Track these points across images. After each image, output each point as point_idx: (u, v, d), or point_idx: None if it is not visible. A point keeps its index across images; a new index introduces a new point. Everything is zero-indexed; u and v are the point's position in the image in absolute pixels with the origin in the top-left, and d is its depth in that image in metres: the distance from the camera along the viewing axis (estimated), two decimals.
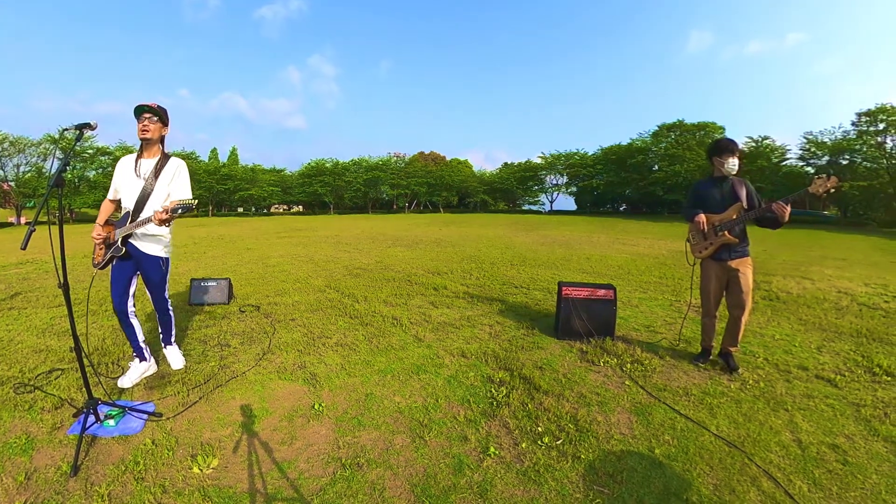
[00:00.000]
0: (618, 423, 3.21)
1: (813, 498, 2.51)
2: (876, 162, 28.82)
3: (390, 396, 3.54)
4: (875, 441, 3.12)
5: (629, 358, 4.34)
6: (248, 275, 8.58)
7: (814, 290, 8.05)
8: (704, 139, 37.10)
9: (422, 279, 8.02)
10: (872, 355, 4.75)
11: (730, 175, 4.04)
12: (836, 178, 3.63)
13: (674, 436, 3.06)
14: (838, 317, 6.32)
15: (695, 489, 2.53)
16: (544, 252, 12.61)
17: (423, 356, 4.35)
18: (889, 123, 27.45)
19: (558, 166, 48.88)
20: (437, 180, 52.77)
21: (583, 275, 8.90)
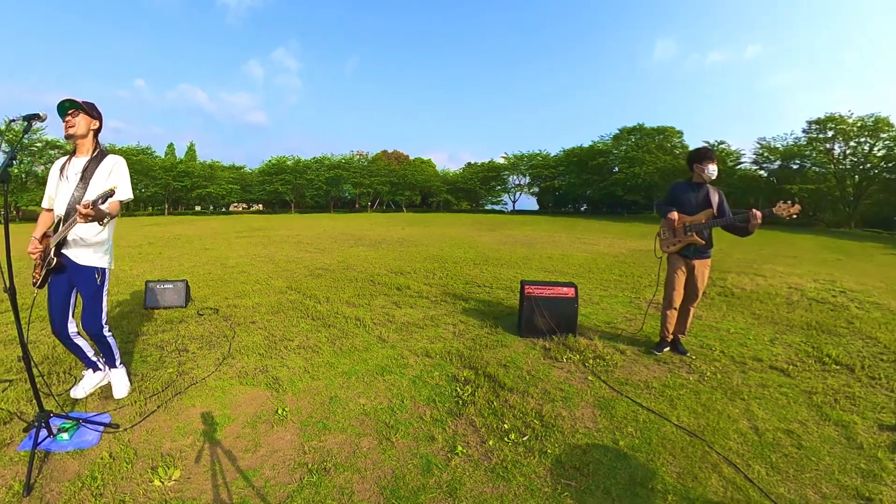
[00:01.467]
0: (582, 418, 3.33)
1: (771, 481, 2.70)
2: (824, 167, 31.48)
3: (355, 398, 3.54)
4: (827, 425, 3.39)
5: (591, 354, 4.52)
6: (206, 276, 8.34)
7: (766, 286, 8.59)
8: (663, 143, 39.16)
9: (385, 279, 8.01)
10: (822, 346, 5.16)
11: (709, 181, 4.43)
12: (798, 206, 4.01)
13: (637, 427, 3.22)
14: (789, 311, 6.80)
15: (659, 478, 2.67)
16: (507, 251, 12.82)
17: (387, 357, 4.37)
18: (837, 132, 29.96)
19: (521, 167, 49.97)
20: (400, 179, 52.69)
21: (545, 273, 9.13)
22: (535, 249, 13.47)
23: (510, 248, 13.59)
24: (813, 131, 31.25)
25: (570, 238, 17.76)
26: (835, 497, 2.59)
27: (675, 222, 4.43)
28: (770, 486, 2.64)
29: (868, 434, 3.28)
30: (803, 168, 32.34)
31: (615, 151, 41.54)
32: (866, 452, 3.05)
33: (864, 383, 4.22)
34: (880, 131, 28.40)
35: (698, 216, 4.39)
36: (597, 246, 14.94)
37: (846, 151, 30.28)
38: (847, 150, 30.22)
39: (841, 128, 29.60)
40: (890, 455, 3.02)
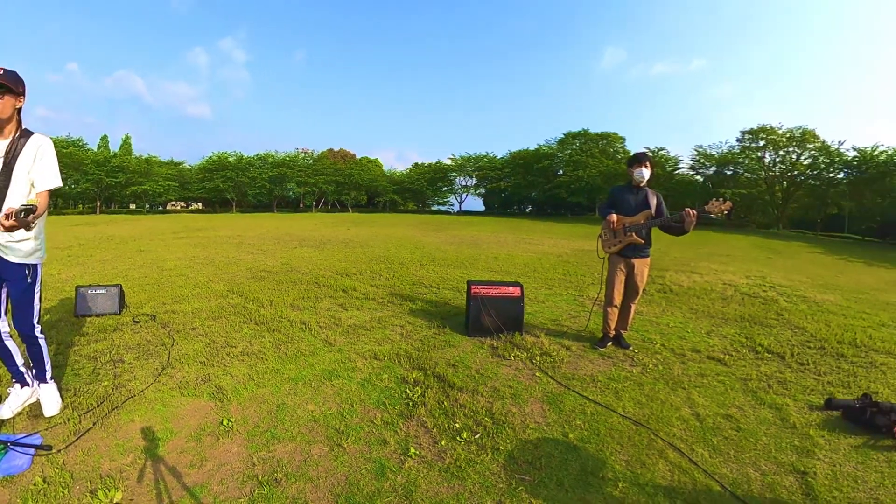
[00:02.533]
0: (532, 413, 3.41)
1: (714, 462, 2.90)
2: (755, 173, 34.48)
3: (303, 405, 3.44)
4: (762, 409, 3.69)
5: (538, 351, 4.63)
6: (141, 280, 7.86)
7: (702, 282, 9.14)
8: (606, 148, 41.17)
9: (330, 281, 7.86)
10: (755, 336, 5.60)
11: (639, 182, 4.72)
12: (729, 203, 4.35)
13: (585, 420, 3.34)
14: (724, 305, 7.30)
15: (609, 467, 2.79)
16: (453, 252, 12.92)
17: (334, 361, 4.29)
18: (768, 141, 33.01)
19: (468, 168, 50.58)
20: (346, 179, 51.67)
21: (491, 273, 9.28)
22: (482, 250, 13.66)
23: (456, 249, 13.71)
24: (746, 140, 34.28)
25: (515, 238, 18.13)
26: (773, 473, 2.82)
27: (616, 223, 4.68)
28: (713, 468, 2.84)
29: (800, 415, 3.61)
30: (736, 174, 35.18)
31: (560, 155, 43.09)
32: (799, 431, 3.35)
33: (794, 369, 4.62)
34: (807, 142, 31.58)
35: (637, 217, 4.67)
36: (541, 246, 15.33)
37: (776, 159, 33.47)
38: (777, 159, 33.41)
39: (772, 138, 32.71)
40: (820, 432, 3.34)
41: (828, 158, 30.61)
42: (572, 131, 42.86)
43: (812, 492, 2.66)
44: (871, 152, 28.50)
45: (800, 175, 32.35)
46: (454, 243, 15.46)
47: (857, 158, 29.12)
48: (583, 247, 15.08)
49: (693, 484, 2.66)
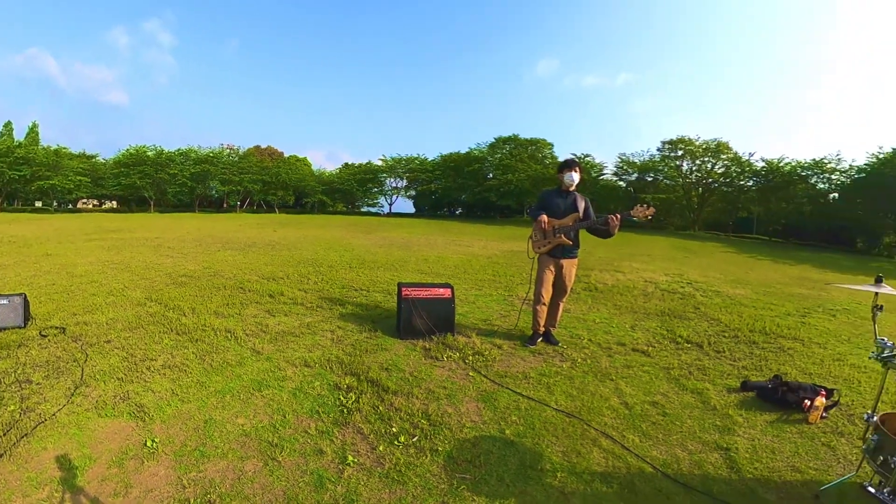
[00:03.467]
0: (468, 412, 3.46)
1: (644, 446, 3.10)
2: (674, 180, 37.47)
3: (233, 419, 3.27)
4: (685, 394, 4.00)
5: (470, 351, 4.71)
6: (48, 288, 7.11)
7: (625, 280, 9.64)
8: (535, 153, 42.76)
9: (256, 286, 7.52)
10: (675, 329, 6.04)
11: (569, 187, 4.98)
12: (652, 209, 4.66)
13: (520, 415, 3.44)
14: (646, 301, 7.76)
15: (546, 458, 2.90)
16: (383, 254, 12.79)
17: (263, 370, 4.11)
18: (686, 151, 36.15)
19: (399, 170, 50.13)
20: (273, 178, 49.16)
21: (421, 275, 9.29)
22: (412, 252, 13.63)
23: (386, 251, 13.60)
24: (666, 150, 37.23)
25: (445, 240, 18.25)
26: (699, 452, 3.09)
27: (545, 225, 4.91)
28: (644, 451, 3.03)
29: (719, 397, 3.97)
30: (657, 180, 38.06)
31: (490, 159, 44.12)
32: (720, 412, 3.70)
33: (712, 356, 5.06)
34: (721, 153, 34.86)
35: (566, 220, 4.91)
36: (471, 248, 15.53)
37: (693, 168, 36.68)
38: (693, 167, 36.63)
39: (689, 149, 35.86)
40: (739, 412, 3.71)
41: (739, 168, 33.94)
42: (503, 136, 44.07)
43: (735, 465, 2.95)
44: (777, 163, 31.88)
45: (714, 182, 35.62)
46: (384, 245, 15.33)
47: (765, 168, 32.49)
48: (512, 248, 15.44)
49: (627, 468, 2.83)
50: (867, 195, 26.38)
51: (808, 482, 2.84)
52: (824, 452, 3.19)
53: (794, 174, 30.76)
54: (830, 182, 30.11)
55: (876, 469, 2.50)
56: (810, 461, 3.07)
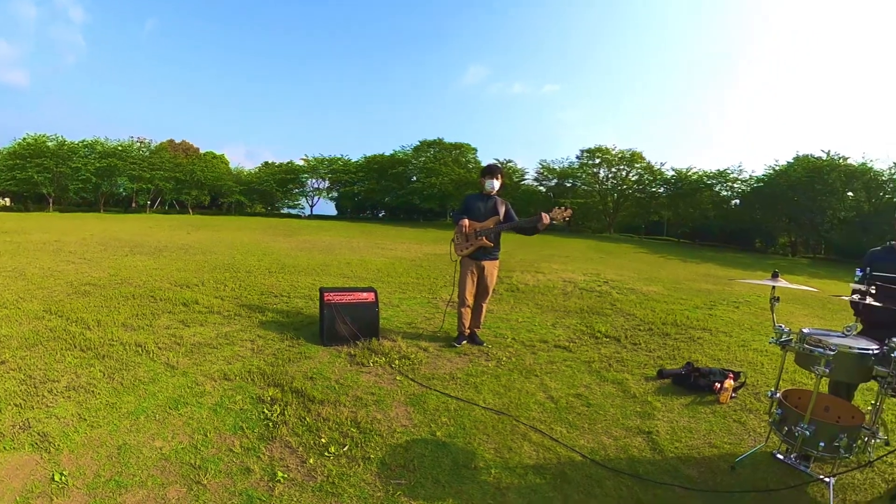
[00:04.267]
0: (397, 417, 3.44)
1: (572, 436, 3.25)
2: (591, 186, 40.17)
3: (149, 442, 3.00)
4: (606, 385, 4.26)
5: (396, 355, 4.69)
6: None
7: (546, 280, 10.03)
8: (459, 157, 43.85)
9: (168, 294, 7.00)
10: (594, 324, 6.38)
11: (490, 192, 5.17)
12: (570, 211, 4.91)
13: (450, 416, 3.47)
14: (566, 299, 8.14)
15: (479, 456, 2.94)
16: (304, 258, 12.40)
17: (179, 386, 3.82)
18: (603, 160, 38.96)
19: (321, 170, 48.73)
20: (187, 175, 45.40)
21: (344, 279, 9.14)
22: (334, 255, 13.35)
23: (308, 255, 13.21)
24: (585, 158, 39.84)
25: (368, 243, 18.03)
26: (624, 437, 3.31)
27: (467, 228, 5.07)
28: (573, 441, 3.18)
29: (638, 386, 4.27)
30: (575, 186, 40.66)
31: (414, 161, 44.48)
32: (639, 399, 3.97)
33: (629, 349, 5.44)
34: (635, 162, 38.16)
35: (487, 222, 5.09)
36: (394, 251, 15.47)
37: (609, 175, 39.60)
38: (609, 175, 39.56)
39: (606, 157, 38.73)
40: (657, 398, 4.02)
41: (651, 176, 37.31)
42: (427, 139, 44.67)
43: (657, 446, 3.20)
44: (686, 173, 35.46)
45: (628, 189, 38.65)
46: (305, 249, 14.89)
47: (675, 177, 35.94)
48: (435, 251, 15.55)
49: (557, 458, 2.95)
50: (764, 201, 30.28)
51: (724, 455, 3.16)
52: (736, 428, 3.56)
53: (700, 183, 34.47)
54: (733, 190, 34.17)
55: (782, 438, 2.88)
56: (724, 437, 3.42)
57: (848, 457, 2.73)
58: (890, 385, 2.62)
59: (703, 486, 2.80)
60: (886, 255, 3.37)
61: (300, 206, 53.31)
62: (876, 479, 2.98)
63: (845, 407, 3.02)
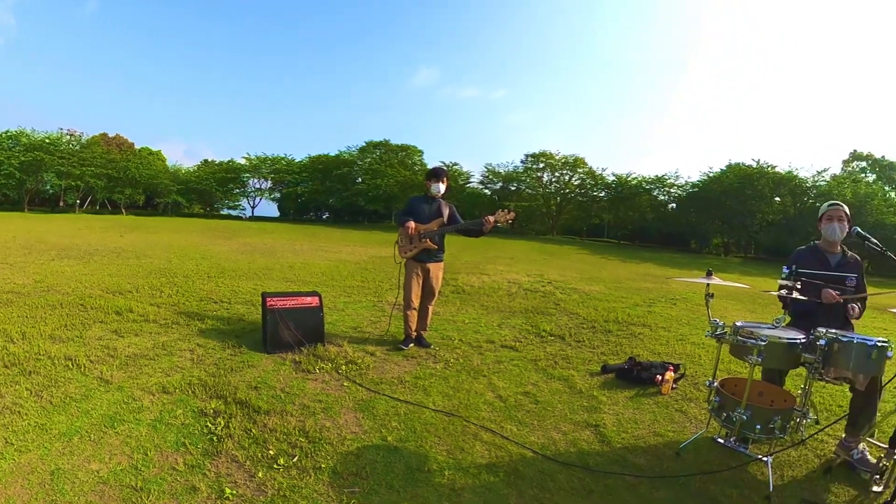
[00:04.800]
0: (347, 424, 3.39)
1: (522, 433, 3.32)
2: (535, 190, 41.48)
3: (85, 465, 2.80)
4: (553, 382, 4.39)
5: (343, 360, 4.63)
6: None
7: (491, 282, 10.19)
8: (405, 159, 43.89)
9: (100, 301, 6.55)
10: (539, 324, 6.55)
11: (435, 195, 5.25)
12: (513, 213, 5.03)
13: (400, 421, 3.45)
14: (511, 300, 8.32)
15: (432, 459, 2.95)
16: (245, 261, 12.00)
17: (115, 402, 3.59)
18: (547, 164, 40.54)
19: (263, 170, 47.16)
20: (120, 173, 42.20)
21: (287, 283, 8.92)
22: (276, 258, 13.01)
23: (249, 258, 12.80)
24: (529, 162, 41.40)
25: (311, 246, 17.68)
26: (572, 431, 3.42)
27: (412, 230, 5.09)
28: (523, 438, 3.24)
29: (584, 381, 4.43)
30: (519, 189, 41.76)
31: (360, 163, 44.15)
32: (585, 394, 4.13)
33: (574, 346, 5.64)
34: (577, 167, 39.72)
35: (431, 225, 5.14)
36: (339, 254, 15.28)
37: (552, 179, 41.20)
38: (553, 179, 41.17)
39: (550, 162, 40.34)
40: (602, 392, 4.20)
41: (593, 181, 39.03)
42: (374, 140, 44.55)
43: (605, 438, 3.34)
44: (626, 178, 37.41)
45: (570, 193, 40.25)
46: (246, 252, 14.42)
47: (616, 182, 37.85)
48: (379, 253, 15.46)
49: (510, 456, 3.01)
50: (699, 205, 33.32)
51: (669, 443, 3.35)
52: (678, 417, 3.80)
53: (640, 187, 36.75)
54: (670, 195, 36.86)
55: (722, 423, 3.13)
56: (668, 425, 3.63)
57: (782, 437, 3.00)
58: (817, 370, 2.91)
59: (651, 472, 2.95)
60: (810, 254, 3.67)
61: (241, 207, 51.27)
62: (809, 456, 3.32)
63: (777, 392, 3.32)
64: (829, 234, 3.56)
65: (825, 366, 2.88)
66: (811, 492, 2.88)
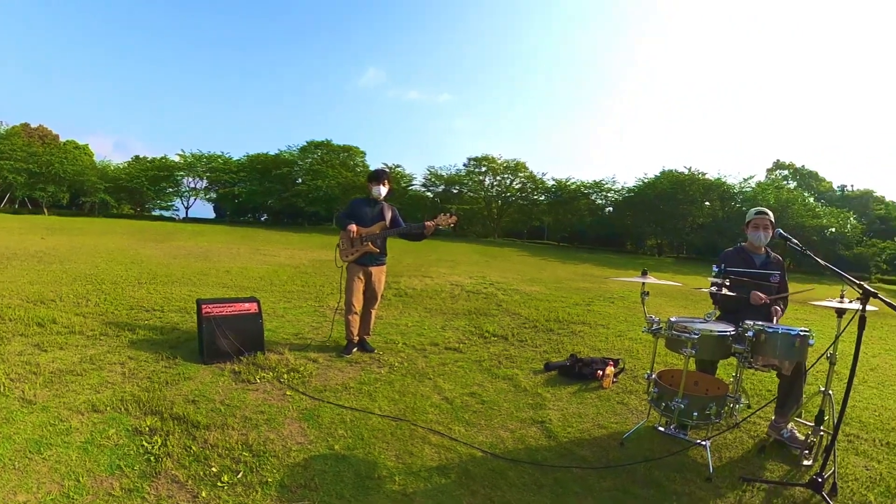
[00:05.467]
0: (292, 435, 3.30)
1: (470, 434, 3.36)
2: (477, 193, 42.44)
3: (11, 498, 2.55)
4: (498, 381, 4.49)
5: (285, 368, 4.51)
6: None
7: (433, 284, 10.25)
8: (347, 160, 43.50)
9: (19, 312, 5.99)
10: (482, 325, 6.66)
11: (377, 197, 5.20)
12: (455, 217, 5.10)
13: (346, 428, 3.40)
14: (454, 302, 8.41)
15: (382, 465, 2.92)
16: (179, 266, 11.45)
17: (40, 425, 3.30)
18: (489, 168, 41.54)
19: (199, 168, 44.79)
20: (43, 168, 38.41)
21: (224, 289, 8.60)
22: (212, 263, 12.52)
23: (183, 263, 12.23)
24: (471, 166, 42.19)
25: (249, 250, 17.13)
26: (519, 429, 3.50)
27: (353, 234, 5.03)
28: (472, 438, 3.28)
29: (528, 380, 4.56)
30: (461, 193, 42.64)
31: (301, 163, 43.15)
32: (530, 392, 4.25)
33: (517, 346, 5.78)
34: (519, 171, 41.10)
35: (373, 228, 5.11)
36: (278, 257, 14.92)
37: (494, 183, 42.17)
38: (495, 182, 42.13)
39: (492, 166, 41.39)
40: (546, 389, 4.35)
41: (533, 185, 40.48)
42: (315, 140, 43.80)
43: (551, 433, 3.45)
44: (565, 182, 39.13)
45: (512, 196, 41.47)
46: (180, 256, 13.78)
47: (555, 186, 39.44)
48: (320, 257, 15.21)
49: (459, 457, 3.04)
50: (634, 209, 35.84)
51: (613, 434, 3.52)
52: (620, 409, 4.00)
53: (578, 192, 38.75)
54: (607, 199, 39.27)
55: (661, 413, 3.40)
56: (611, 417, 3.81)
57: (718, 421, 3.31)
58: (746, 359, 3.25)
59: (598, 463, 3.07)
60: (737, 254, 4.02)
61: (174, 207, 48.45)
62: (744, 437, 3.62)
63: (711, 380, 3.61)
64: (755, 240, 3.94)
65: (754, 355, 3.22)
66: (748, 470, 3.13)
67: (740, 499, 2.83)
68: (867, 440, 3.72)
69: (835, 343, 3.04)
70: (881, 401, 4.69)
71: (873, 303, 2.71)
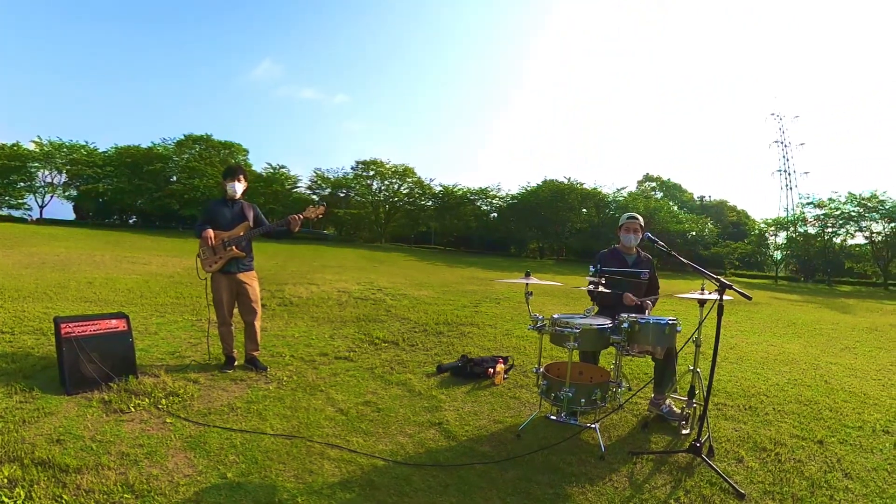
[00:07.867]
0: (178, 467, 3.03)
1: (369, 444, 3.36)
2: (364, 197, 42.35)
3: None
4: (391, 388, 4.55)
5: (162, 392, 4.12)
6: None
7: (319, 292, 10.03)
8: (228, 158, 40.84)
9: None
10: (371, 331, 6.67)
11: (233, 196, 4.91)
12: (323, 208, 5.05)
13: (237, 453, 3.21)
14: (341, 309, 8.33)
15: (281, 488, 2.80)
16: (31, 278, 9.98)
17: None
18: (377, 172, 41.76)
19: (58, 159, 38.71)
20: None
21: (86, 304, 7.64)
22: (72, 273, 11.11)
23: (36, 274, 10.70)
24: (360, 169, 42.21)
25: (115, 257, 15.45)
26: (418, 433, 3.59)
27: (213, 240, 4.72)
28: (371, 448, 3.29)
29: (422, 384, 4.67)
30: (349, 196, 42.39)
31: (176, 158, 39.37)
32: (425, 395, 4.37)
33: (408, 350, 5.89)
34: (407, 176, 41.82)
35: (236, 230, 4.79)
36: (149, 266, 13.65)
37: (382, 188, 42.47)
38: (383, 187, 42.45)
39: (380, 170, 41.66)
40: (440, 391, 4.51)
41: (421, 190, 41.44)
42: (194, 134, 40.49)
43: (450, 434, 3.59)
44: (452, 188, 40.59)
45: (399, 201, 42.11)
46: (33, 266, 12.07)
47: (442, 192, 40.70)
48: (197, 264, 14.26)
49: (361, 469, 3.02)
50: (518, 215, 38.57)
51: (509, 427, 3.77)
52: (513, 403, 4.28)
53: (464, 198, 40.52)
54: (492, 205, 41.46)
55: (552, 403, 3.71)
56: (505, 412, 4.06)
57: (604, 405, 3.69)
58: (623, 348, 3.72)
59: (498, 457, 3.25)
60: (611, 255, 4.52)
61: (26, 206, 41.58)
62: (628, 416, 4.10)
63: (594, 369, 4.07)
64: (626, 241, 4.46)
65: (630, 343, 3.68)
66: (636, 445, 3.57)
67: (632, 471, 3.17)
68: (733, 406, 4.42)
69: (699, 328, 3.62)
70: (741, 373, 5.61)
71: (728, 293, 3.23)
